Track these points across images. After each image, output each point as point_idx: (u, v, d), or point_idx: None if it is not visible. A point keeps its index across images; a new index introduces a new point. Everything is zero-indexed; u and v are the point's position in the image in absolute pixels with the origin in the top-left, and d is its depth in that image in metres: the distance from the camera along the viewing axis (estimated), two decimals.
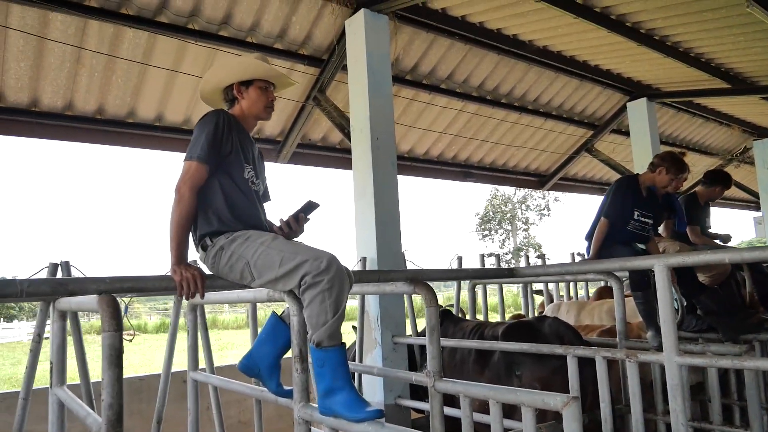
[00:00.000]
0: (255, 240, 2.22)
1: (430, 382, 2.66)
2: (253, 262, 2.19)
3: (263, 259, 2.16)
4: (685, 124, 9.43)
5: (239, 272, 2.24)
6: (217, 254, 2.28)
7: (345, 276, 2.11)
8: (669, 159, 4.16)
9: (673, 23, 5.40)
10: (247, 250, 2.21)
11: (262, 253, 2.17)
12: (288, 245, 2.17)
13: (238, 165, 2.36)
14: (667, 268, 2.62)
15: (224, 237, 2.27)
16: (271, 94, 2.51)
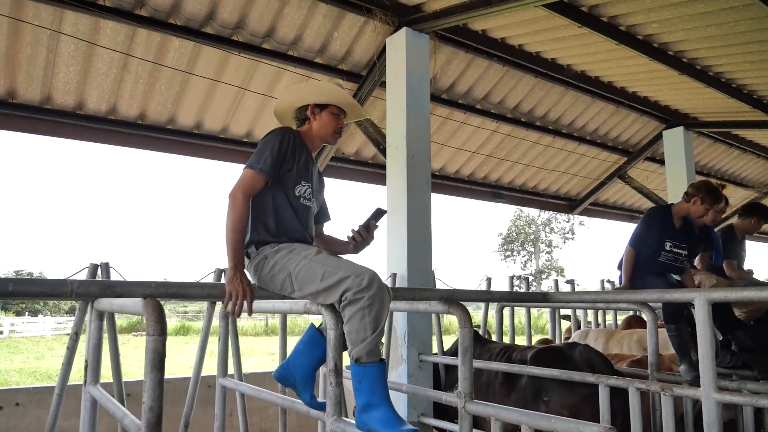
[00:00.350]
0: (299, 253, 2.27)
1: (461, 403, 2.65)
2: (295, 274, 2.24)
3: (305, 272, 2.21)
4: (722, 154, 9.29)
5: (280, 283, 2.29)
6: (261, 263, 2.34)
7: (386, 293, 2.14)
8: (704, 189, 4.07)
9: (716, 54, 5.35)
10: (290, 262, 2.26)
11: (305, 266, 2.22)
12: (331, 260, 2.21)
13: (293, 181, 2.43)
14: (708, 302, 2.58)
15: (269, 247, 2.34)
16: (341, 121, 2.60)
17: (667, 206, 4.19)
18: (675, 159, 7.53)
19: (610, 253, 66.60)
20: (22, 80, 4.71)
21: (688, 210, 4.03)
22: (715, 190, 4.10)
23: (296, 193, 2.44)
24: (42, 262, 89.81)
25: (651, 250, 3.96)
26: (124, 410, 2.42)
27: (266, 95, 5.52)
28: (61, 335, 23.78)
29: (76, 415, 3.48)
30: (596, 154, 8.07)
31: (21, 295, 2.07)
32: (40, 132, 5.04)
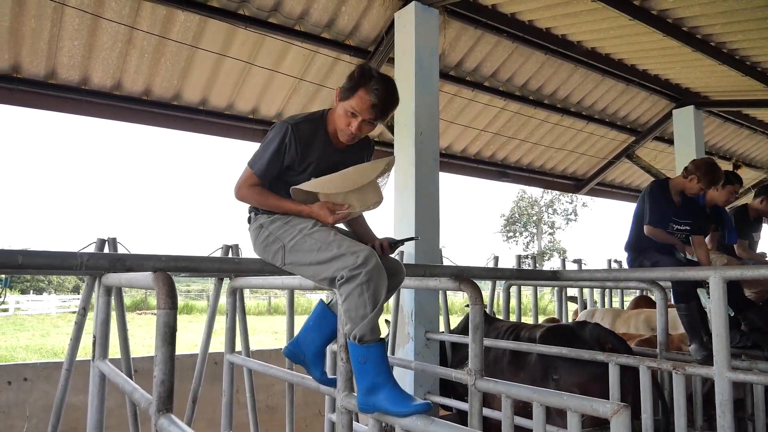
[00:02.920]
0: (295, 225, 2.24)
1: (471, 380, 2.63)
2: (289, 246, 2.22)
3: (299, 245, 2.19)
4: (731, 134, 9.18)
5: (272, 253, 2.29)
6: (256, 231, 2.35)
7: (382, 270, 2.06)
8: (703, 168, 3.97)
9: (732, 30, 5.24)
10: (285, 234, 2.25)
11: (300, 240, 2.19)
12: (327, 235, 2.16)
13: (293, 173, 2.35)
14: (723, 280, 2.55)
15: (265, 216, 2.34)
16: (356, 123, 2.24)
17: (665, 180, 4.13)
18: (684, 139, 7.45)
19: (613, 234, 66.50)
20: (27, 54, 4.65)
21: (684, 186, 3.96)
22: (714, 171, 3.98)
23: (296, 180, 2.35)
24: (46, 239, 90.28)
25: (662, 225, 3.92)
26: (133, 384, 2.42)
27: (273, 70, 5.44)
28: (66, 313, 23.95)
29: (83, 391, 3.48)
30: (604, 133, 7.98)
31: (30, 267, 2.05)
32: (45, 107, 4.99)
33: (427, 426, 1.88)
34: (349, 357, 2.33)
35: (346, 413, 2.35)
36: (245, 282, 3.37)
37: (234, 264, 2.60)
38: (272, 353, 5.38)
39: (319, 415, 5.52)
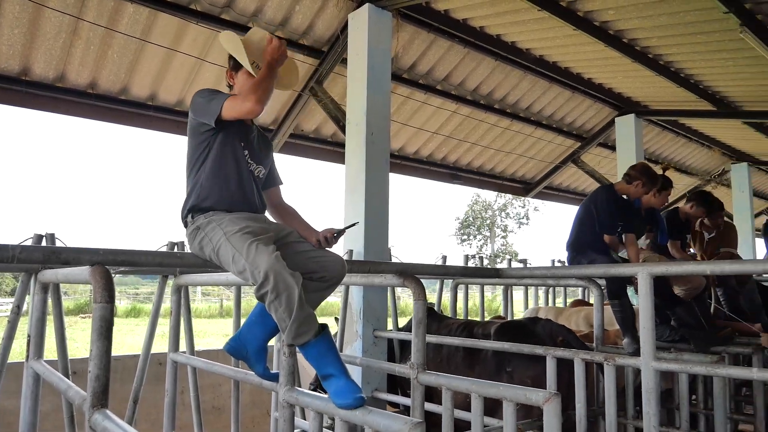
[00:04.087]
0: (224, 227, 2.24)
1: (413, 374, 2.70)
2: (216, 249, 2.24)
3: (222, 251, 2.21)
4: (669, 142, 9.62)
5: (208, 255, 2.31)
6: (193, 233, 2.36)
7: (287, 278, 2.06)
8: (647, 174, 4.27)
9: (667, 43, 5.52)
10: (215, 237, 2.26)
11: (222, 245, 2.21)
12: (240, 242, 2.15)
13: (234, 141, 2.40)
14: (650, 276, 2.70)
15: (203, 217, 2.33)
16: None
17: (611, 186, 4.34)
18: (626, 145, 7.77)
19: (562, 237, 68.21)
20: None
21: (628, 191, 4.20)
22: (655, 175, 4.34)
23: (237, 153, 2.41)
24: None
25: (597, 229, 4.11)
26: (68, 382, 2.37)
27: (225, 67, 5.38)
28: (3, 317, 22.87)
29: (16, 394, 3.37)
30: (552, 138, 8.24)
31: None
32: None
33: (365, 416, 1.93)
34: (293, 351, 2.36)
35: (288, 407, 2.37)
36: (190, 279, 3.34)
37: (176, 259, 2.57)
38: (219, 353, 5.32)
39: (266, 415, 5.49)
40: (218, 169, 2.39)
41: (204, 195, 2.35)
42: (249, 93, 2.26)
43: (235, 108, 2.28)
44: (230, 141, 2.41)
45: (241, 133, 2.47)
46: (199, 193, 2.36)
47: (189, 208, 2.39)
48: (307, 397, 2.27)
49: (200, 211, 2.35)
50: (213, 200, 2.35)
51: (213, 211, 2.35)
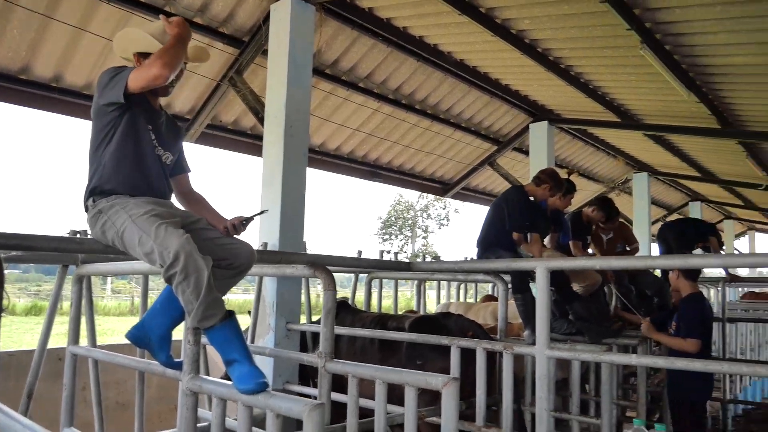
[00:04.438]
0: (129, 210, 2.20)
1: (321, 362, 2.75)
2: (121, 233, 2.20)
3: (128, 233, 2.17)
4: (579, 150, 10.20)
5: (111, 239, 2.26)
6: (95, 218, 2.30)
7: (197, 260, 2.05)
8: (555, 179, 4.63)
9: (577, 55, 5.86)
10: (118, 220, 2.21)
11: (128, 227, 2.17)
12: (148, 224, 2.12)
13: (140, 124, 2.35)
14: (547, 270, 2.88)
15: (105, 201, 2.27)
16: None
17: (521, 187, 4.58)
18: (538, 151, 8.16)
19: None
20: None
21: (536, 193, 4.48)
22: (562, 181, 4.71)
23: (143, 136, 2.36)
24: None
25: (507, 227, 4.33)
26: None
27: None
28: None
29: None
30: (470, 140, 8.52)
31: None
32: None
33: (267, 400, 1.95)
34: (198, 338, 2.34)
35: (191, 395, 2.34)
36: (93, 269, 3.21)
37: (75, 244, 2.48)
38: (125, 347, 5.13)
39: (174, 410, 5.34)
40: (123, 151, 2.33)
41: (106, 177, 2.29)
42: (155, 59, 2.20)
43: (141, 75, 2.21)
44: (137, 124, 2.36)
45: (149, 117, 2.42)
46: (102, 175, 2.29)
47: (90, 191, 2.32)
48: (210, 384, 2.26)
49: (102, 194, 2.29)
50: (116, 183, 2.29)
51: (116, 195, 2.29)
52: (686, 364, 2.77)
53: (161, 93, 2.51)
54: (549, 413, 2.86)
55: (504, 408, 3.09)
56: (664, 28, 4.70)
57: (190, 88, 5.86)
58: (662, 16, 4.47)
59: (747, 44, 4.70)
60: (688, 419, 4.37)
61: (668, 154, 9.65)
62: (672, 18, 4.48)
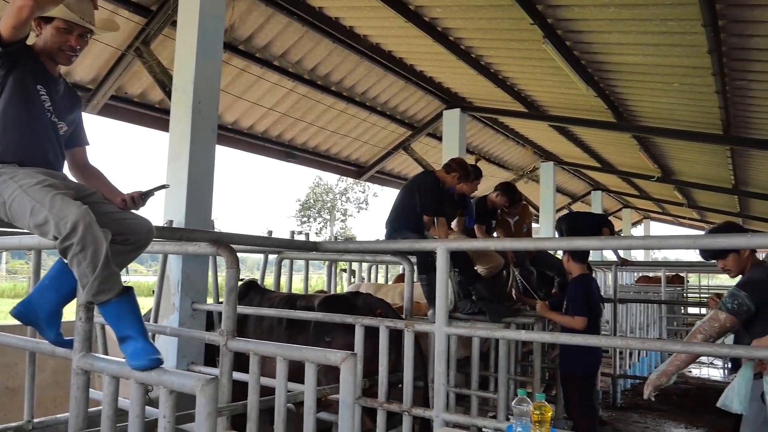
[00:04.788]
0: (18, 180, 2.09)
1: (223, 341, 2.74)
2: (8, 203, 2.09)
3: (17, 204, 2.07)
4: (490, 138, 10.59)
5: None
6: None
7: (96, 232, 2.01)
8: (464, 167, 4.83)
9: (487, 45, 6.08)
10: (6, 190, 2.10)
11: (18, 197, 2.07)
12: (42, 194, 2.04)
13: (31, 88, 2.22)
14: (447, 251, 3.02)
15: None
16: (73, 38, 2.30)
17: (432, 173, 4.74)
18: (451, 137, 8.39)
19: None
20: None
21: (446, 179, 4.66)
22: (470, 170, 4.92)
23: (35, 102, 2.23)
24: None
25: (417, 210, 4.46)
26: None
27: None
28: None
29: None
30: (385, 125, 8.63)
31: None
32: None
33: (160, 376, 1.94)
34: (90, 315, 2.27)
35: (82, 374, 2.27)
36: None
37: None
38: (16, 328, 4.83)
39: None
40: (12, 116, 2.19)
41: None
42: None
43: (7, 14, 2.02)
44: (27, 87, 2.22)
45: (44, 83, 2.28)
46: None
47: None
48: (102, 362, 2.21)
49: None
50: (2, 149, 2.16)
51: (2, 164, 2.16)
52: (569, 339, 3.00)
53: (62, 60, 2.34)
54: (445, 387, 3.01)
55: (405, 383, 3.22)
56: (564, 25, 4.98)
57: (93, 56, 5.55)
58: (563, 13, 4.73)
59: (637, 45, 5.08)
60: (576, 392, 4.72)
61: (571, 144, 10.24)
62: (571, 15, 4.76)
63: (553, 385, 5.71)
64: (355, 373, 2.32)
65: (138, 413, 2.01)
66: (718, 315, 2.94)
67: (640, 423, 6.80)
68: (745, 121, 6.79)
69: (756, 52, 4.74)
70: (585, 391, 4.76)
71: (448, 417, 3.02)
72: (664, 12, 4.25)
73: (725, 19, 4.20)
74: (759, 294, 2.87)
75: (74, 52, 2.33)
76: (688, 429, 6.61)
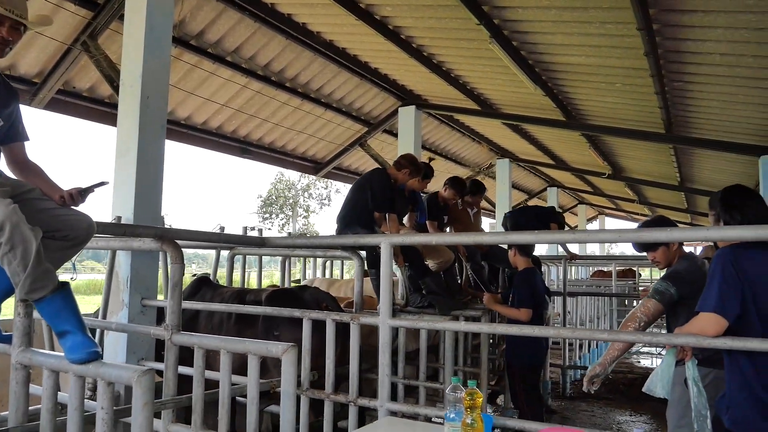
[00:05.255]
0: None
1: (168, 334, 2.77)
2: None
3: None
4: (446, 135, 10.75)
5: None
6: None
7: (23, 230, 2.03)
8: (414, 165, 4.88)
9: (437, 44, 6.20)
10: None
11: None
12: None
13: None
14: (390, 245, 3.10)
15: None
16: (4, 30, 2.28)
17: (385, 169, 4.81)
18: (406, 134, 8.51)
19: None
20: None
21: (397, 176, 4.73)
22: (420, 166, 4.97)
23: None
24: None
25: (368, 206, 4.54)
26: None
27: None
28: None
29: None
30: (341, 121, 8.68)
31: None
32: None
33: (98, 368, 1.97)
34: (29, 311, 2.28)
35: (21, 369, 2.28)
36: None
37: None
38: None
39: None
40: None
41: None
42: None
43: None
44: None
45: None
46: None
47: None
48: (41, 356, 2.22)
49: None
50: None
51: None
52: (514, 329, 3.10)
53: None
54: (390, 378, 3.10)
55: (351, 375, 3.30)
56: (510, 26, 5.13)
57: (37, 49, 5.42)
58: (508, 14, 4.88)
59: (580, 46, 5.27)
60: (522, 382, 4.89)
61: (525, 142, 10.50)
62: (516, 17, 4.91)
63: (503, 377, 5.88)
64: (296, 363, 2.38)
65: (77, 406, 2.04)
66: (647, 303, 3.12)
67: (587, 411, 7.07)
68: (685, 120, 7.11)
69: (690, 55, 4.99)
70: (530, 381, 4.93)
71: (392, 406, 3.11)
72: (602, 15, 4.43)
73: (659, 23, 4.41)
74: (682, 284, 3.05)
75: (6, 44, 2.31)
76: (633, 416, 6.91)
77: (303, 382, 3.41)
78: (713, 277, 2.34)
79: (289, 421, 2.35)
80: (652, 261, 3.43)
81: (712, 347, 2.32)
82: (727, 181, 6.03)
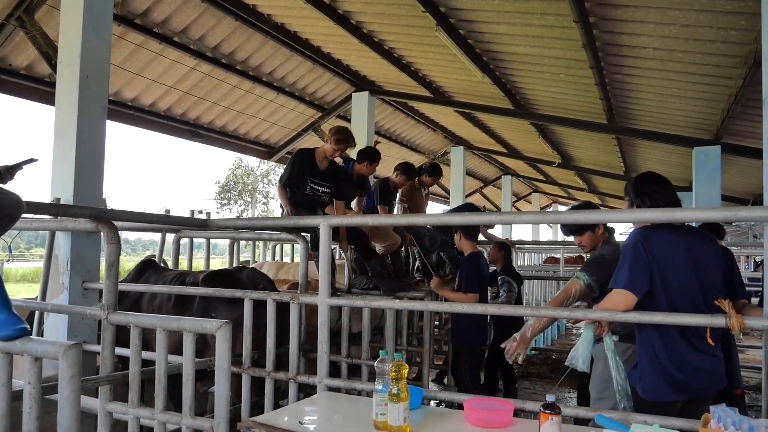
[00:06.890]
0: None
1: (104, 314, 2.78)
2: None
3: None
4: (401, 122, 10.83)
5: None
6: None
7: None
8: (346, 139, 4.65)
9: (387, 30, 6.25)
10: None
11: None
12: None
13: None
14: (329, 227, 3.18)
15: None
16: None
17: (311, 149, 4.81)
18: (360, 120, 8.54)
19: None
20: None
21: (325, 151, 4.66)
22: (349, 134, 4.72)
23: None
24: None
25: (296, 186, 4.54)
26: None
27: None
28: None
29: None
30: (294, 106, 8.64)
31: None
32: None
33: (25, 344, 1.98)
34: None
35: None
36: None
37: None
38: None
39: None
40: None
41: None
42: None
43: None
44: None
45: None
46: None
47: None
48: None
49: None
50: None
51: None
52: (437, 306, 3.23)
53: None
54: (327, 355, 3.19)
55: (291, 353, 3.37)
56: (457, 14, 5.23)
57: None
58: (453, 2, 4.97)
59: (524, 36, 5.42)
60: (466, 363, 5.04)
61: (478, 130, 10.68)
62: (461, 5, 5.01)
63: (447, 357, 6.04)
64: (229, 339, 2.44)
65: (3, 382, 2.04)
66: (574, 282, 3.29)
67: (530, 389, 7.34)
68: (626, 112, 7.40)
69: (626, 48, 5.20)
70: (473, 362, 5.09)
71: (331, 382, 3.20)
72: (541, 6, 4.57)
73: (596, 16, 4.58)
74: (601, 268, 3.23)
75: None
76: (571, 392, 7.23)
77: (244, 361, 3.46)
78: (625, 255, 2.51)
79: (223, 396, 2.41)
80: (579, 245, 3.60)
81: (623, 321, 2.49)
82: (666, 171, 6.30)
